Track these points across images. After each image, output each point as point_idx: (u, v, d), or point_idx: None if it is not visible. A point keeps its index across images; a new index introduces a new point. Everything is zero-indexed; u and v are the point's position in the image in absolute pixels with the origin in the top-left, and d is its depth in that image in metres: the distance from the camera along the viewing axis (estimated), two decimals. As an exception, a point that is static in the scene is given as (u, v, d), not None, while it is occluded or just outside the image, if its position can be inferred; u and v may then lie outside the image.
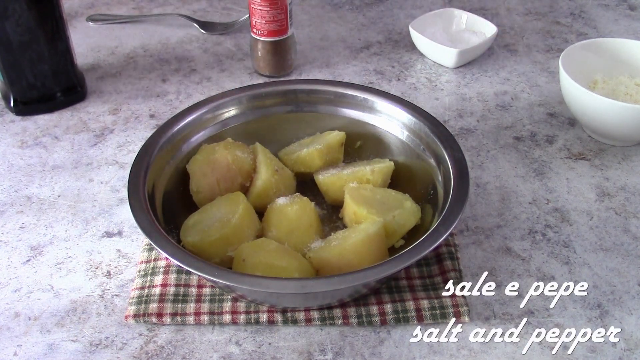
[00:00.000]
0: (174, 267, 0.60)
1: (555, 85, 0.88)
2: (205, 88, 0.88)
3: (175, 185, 0.65)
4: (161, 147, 0.64)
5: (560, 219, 0.67)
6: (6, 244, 0.65)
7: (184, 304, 0.57)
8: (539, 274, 0.61)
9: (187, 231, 0.60)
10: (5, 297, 0.59)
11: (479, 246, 0.64)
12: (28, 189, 0.71)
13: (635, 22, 1.04)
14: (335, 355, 0.54)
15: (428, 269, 0.61)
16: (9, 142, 0.79)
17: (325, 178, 0.66)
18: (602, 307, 0.58)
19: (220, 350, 0.55)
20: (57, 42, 0.80)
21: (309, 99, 0.71)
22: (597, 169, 0.74)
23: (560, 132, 0.79)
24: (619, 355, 0.54)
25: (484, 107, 0.84)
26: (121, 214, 0.68)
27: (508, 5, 1.09)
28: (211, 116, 0.69)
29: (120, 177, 0.73)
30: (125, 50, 0.97)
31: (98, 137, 0.79)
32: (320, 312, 0.56)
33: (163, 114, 0.83)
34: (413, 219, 0.61)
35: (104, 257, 0.63)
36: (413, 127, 0.67)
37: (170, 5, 1.10)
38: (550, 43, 0.98)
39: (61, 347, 0.55)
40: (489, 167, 0.74)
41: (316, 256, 0.57)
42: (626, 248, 0.64)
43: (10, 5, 0.74)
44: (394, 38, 1.00)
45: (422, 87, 0.88)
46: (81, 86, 0.86)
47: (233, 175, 0.64)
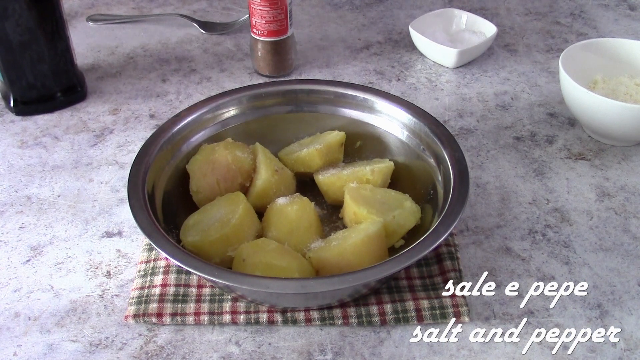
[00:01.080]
0: (174, 267, 0.60)
1: (555, 85, 0.88)
2: (205, 88, 0.88)
3: (175, 185, 0.65)
4: (161, 147, 0.64)
5: (560, 219, 0.67)
6: (6, 244, 0.65)
7: (184, 304, 0.57)
8: (539, 274, 0.61)
9: (187, 231, 0.60)
10: (5, 297, 0.59)
11: (479, 246, 0.64)
12: (28, 189, 0.71)
13: (635, 22, 1.04)
14: (335, 355, 0.54)
15: (428, 269, 0.61)
16: (9, 142, 0.79)
17: (325, 178, 0.66)
18: (602, 307, 0.58)
19: (220, 350, 0.55)
20: (57, 42, 0.80)
21: (309, 99, 0.71)
22: (597, 169, 0.74)
23: (560, 132, 0.79)
24: (619, 355, 0.54)
25: (484, 107, 0.84)
26: (121, 214, 0.68)
27: (508, 5, 1.09)
28: (211, 116, 0.69)
29: (120, 177, 0.73)
30: (125, 50, 0.97)
31: (98, 137, 0.79)
32: (320, 312, 0.56)
33: (163, 114, 0.83)
34: (413, 219, 0.61)
35: (104, 257, 0.63)
36: (413, 127, 0.67)
37: (170, 5, 1.10)
38: (550, 43, 0.98)
39: (61, 347, 0.55)
40: (489, 167, 0.74)
41: (316, 256, 0.57)
42: (626, 248, 0.64)
43: (10, 5, 0.74)
44: (394, 38, 1.00)
45: (422, 87, 0.88)
46: (81, 86, 0.86)
47: (233, 175, 0.64)
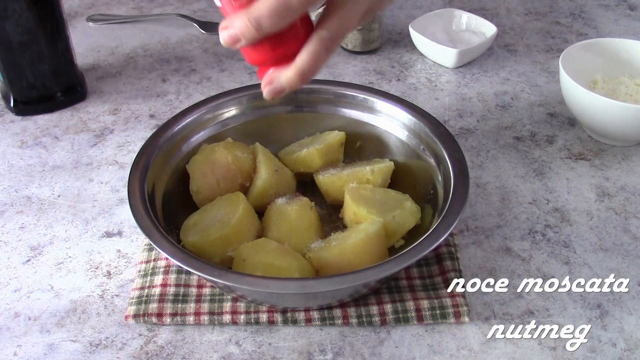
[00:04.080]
0: (174, 267, 0.60)
1: (555, 85, 0.88)
2: (205, 88, 0.88)
3: (175, 185, 0.65)
4: (161, 147, 0.64)
5: (560, 219, 0.67)
6: (6, 244, 0.65)
7: (184, 304, 0.57)
8: (539, 274, 0.61)
9: (187, 231, 0.60)
10: (5, 297, 0.59)
11: (479, 246, 0.64)
12: (28, 189, 0.71)
13: (635, 22, 1.04)
14: (335, 355, 0.54)
15: (428, 269, 0.61)
16: (9, 142, 0.79)
17: (325, 178, 0.66)
18: (602, 307, 0.58)
19: (220, 350, 0.55)
20: (57, 42, 0.80)
21: (309, 99, 0.71)
22: (597, 169, 0.74)
23: (560, 132, 0.79)
24: (619, 355, 0.54)
25: (484, 107, 0.84)
26: (121, 214, 0.68)
27: (508, 5, 1.09)
28: (211, 116, 0.69)
29: (120, 177, 0.73)
30: (125, 50, 0.97)
31: (98, 137, 0.79)
32: (320, 312, 0.56)
33: (163, 114, 0.83)
34: (413, 219, 0.61)
35: (104, 257, 0.63)
36: (413, 127, 0.67)
37: (170, 5, 1.10)
38: (550, 43, 0.98)
39: (61, 347, 0.55)
40: (489, 167, 0.74)
41: (316, 256, 0.57)
42: (626, 248, 0.64)
43: (10, 5, 0.74)
44: (394, 38, 1.00)
45: (422, 87, 0.88)
46: (81, 86, 0.86)
47: (233, 175, 0.64)
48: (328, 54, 0.47)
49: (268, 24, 0.44)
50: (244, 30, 0.44)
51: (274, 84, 0.48)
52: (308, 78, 0.47)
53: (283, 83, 0.48)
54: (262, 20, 0.43)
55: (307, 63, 0.46)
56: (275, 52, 0.47)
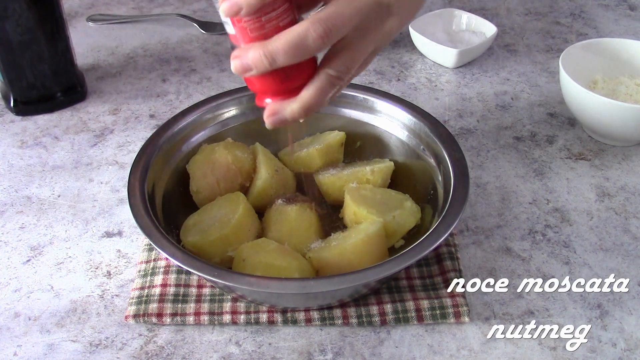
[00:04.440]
0: (174, 267, 0.60)
1: (555, 85, 0.88)
2: (205, 88, 0.88)
3: (175, 185, 0.65)
4: (161, 147, 0.64)
5: (560, 219, 0.67)
6: (6, 244, 0.65)
7: (184, 304, 0.57)
8: (539, 274, 0.61)
9: (187, 231, 0.60)
10: (5, 297, 0.59)
11: (479, 246, 0.64)
12: (28, 189, 0.71)
13: (635, 22, 1.04)
14: (335, 355, 0.54)
15: (428, 269, 0.61)
16: (9, 142, 0.79)
17: (325, 178, 0.66)
18: (602, 307, 0.58)
19: (220, 350, 0.55)
20: (57, 42, 0.80)
21: (309, 99, 0.71)
22: (597, 169, 0.74)
23: (560, 132, 0.79)
24: (619, 355, 0.54)
25: (484, 107, 0.84)
26: (121, 214, 0.68)
27: (508, 5, 1.09)
28: (211, 116, 0.69)
29: (120, 177, 0.73)
30: (125, 50, 0.97)
31: (98, 137, 0.79)
32: (320, 312, 0.56)
33: (163, 114, 0.83)
34: (413, 219, 0.61)
35: (104, 257, 0.63)
36: (413, 127, 0.67)
37: (170, 5, 1.10)
38: (550, 43, 0.98)
39: (61, 347, 0.55)
40: (489, 167, 0.74)
41: (316, 256, 0.57)
42: (626, 248, 0.64)
43: (10, 5, 0.74)
44: (394, 38, 1.00)
45: (422, 87, 0.88)
46: (81, 86, 0.86)
47: (233, 175, 0.64)
48: (333, 90, 0.48)
49: (282, 60, 0.45)
50: (257, 62, 0.45)
51: (278, 116, 0.49)
52: (312, 112, 0.49)
53: (287, 115, 0.49)
54: (278, 55, 0.45)
55: (313, 98, 0.48)
56: (282, 85, 0.48)
